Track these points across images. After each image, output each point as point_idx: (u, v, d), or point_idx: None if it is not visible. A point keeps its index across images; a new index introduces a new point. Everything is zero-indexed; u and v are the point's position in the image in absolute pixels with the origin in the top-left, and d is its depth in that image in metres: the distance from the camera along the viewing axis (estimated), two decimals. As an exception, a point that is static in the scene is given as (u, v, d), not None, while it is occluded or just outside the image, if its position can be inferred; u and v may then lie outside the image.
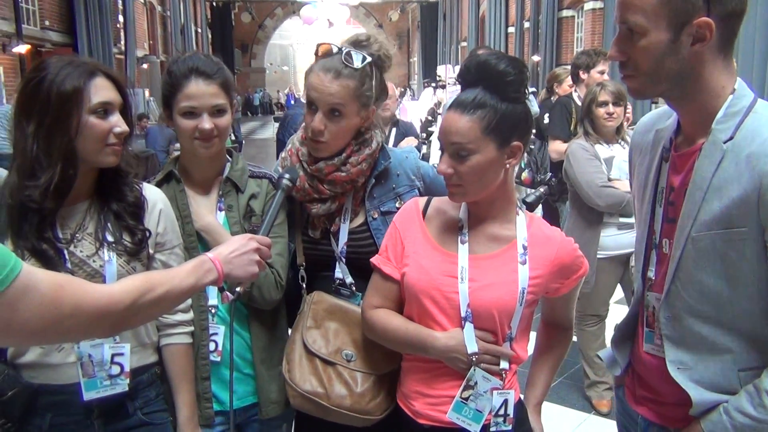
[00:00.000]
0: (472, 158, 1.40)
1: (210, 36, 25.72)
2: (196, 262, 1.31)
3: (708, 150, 1.20)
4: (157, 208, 1.58)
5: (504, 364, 1.47)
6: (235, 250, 1.36)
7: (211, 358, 1.69)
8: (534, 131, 4.97)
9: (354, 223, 1.75)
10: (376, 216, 1.73)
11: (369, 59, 1.65)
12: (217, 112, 1.65)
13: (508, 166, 1.45)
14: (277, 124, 19.26)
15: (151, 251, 1.56)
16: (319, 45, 1.71)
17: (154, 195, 1.60)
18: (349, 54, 1.64)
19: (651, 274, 1.35)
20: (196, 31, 23.08)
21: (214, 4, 25.78)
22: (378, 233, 1.70)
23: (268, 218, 1.50)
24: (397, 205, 1.74)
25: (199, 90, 1.62)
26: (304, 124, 1.73)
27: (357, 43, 1.68)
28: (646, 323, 1.37)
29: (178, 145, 1.77)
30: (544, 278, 1.46)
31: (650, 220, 1.36)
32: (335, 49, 1.66)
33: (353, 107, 1.65)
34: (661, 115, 1.40)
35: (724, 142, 1.18)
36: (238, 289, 1.43)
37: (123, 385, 1.51)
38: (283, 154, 1.81)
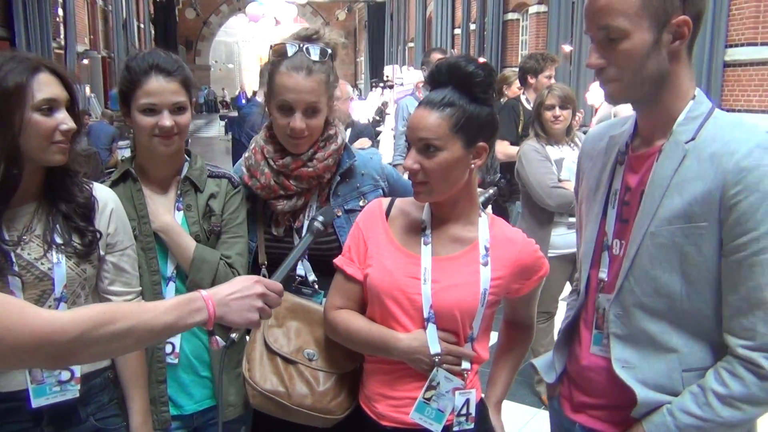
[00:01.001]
0: (439, 155, 1.41)
1: (153, 32, 25.15)
2: (182, 299, 1.20)
3: (669, 150, 1.24)
4: (108, 208, 1.54)
5: (466, 365, 1.49)
6: (237, 291, 1.23)
7: (168, 360, 1.65)
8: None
9: None
10: (340, 214, 1.74)
11: (329, 51, 1.68)
12: (177, 109, 1.62)
13: (473, 166, 1.46)
14: (223, 123, 19.00)
15: (102, 253, 1.52)
16: (273, 46, 1.69)
17: (105, 195, 1.55)
18: (309, 49, 1.65)
19: (603, 275, 1.37)
20: (139, 27, 22.51)
21: (158, -1, 25.27)
22: (342, 231, 1.70)
23: (287, 263, 1.38)
24: (361, 203, 1.74)
25: (160, 87, 1.59)
26: (269, 123, 1.73)
27: (309, 38, 1.68)
28: (595, 325, 1.38)
29: (121, 143, 1.73)
30: (506, 279, 1.48)
31: (602, 221, 1.38)
32: (294, 48, 1.65)
33: (324, 100, 1.68)
34: (613, 125, 1.45)
35: (686, 143, 1.22)
36: (233, 335, 1.28)
37: (74, 391, 1.46)
38: (246, 154, 1.79)
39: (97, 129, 9.49)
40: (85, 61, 16.25)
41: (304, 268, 1.72)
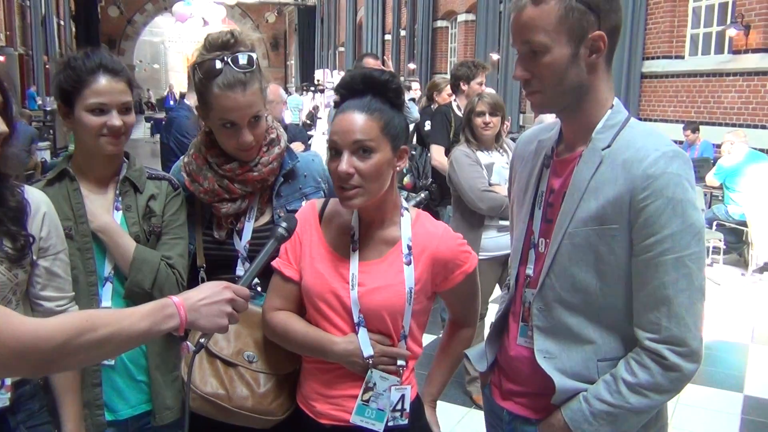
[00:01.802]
0: (374, 156, 1.44)
1: (74, 29, 24.24)
2: (156, 305, 1.20)
3: (587, 156, 1.33)
4: (40, 211, 1.49)
5: (401, 362, 1.52)
6: (206, 297, 1.25)
7: (105, 362, 1.62)
8: (416, 137, 5.15)
9: (260, 222, 1.75)
10: (282, 214, 1.75)
11: (254, 55, 1.66)
12: (125, 109, 1.61)
13: (397, 167, 1.51)
14: (148, 125, 18.50)
15: (34, 257, 1.48)
16: (198, 64, 1.64)
17: (37, 198, 1.51)
18: (239, 59, 1.61)
19: (530, 271, 1.45)
20: (59, 24, 21.72)
21: (79, -5, 24.36)
22: None
23: (253, 268, 1.38)
24: (303, 204, 1.75)
25: (109, 86, 1.58)
26: (208, 129, 1.72)
27: (226, 45, 1.64)
28: (522, 318, 1.46)
29: (41, 144, 1.69)
30: (430, 273, 1.52)
31: (529, 221, 1.46)
32: (221, 64, 1.60)
33: (263, 105, 1.68)
34: (543, 129, 1.53)
35: (603, 149, 1.31)
36: (201, 340, 1.30)
37: (3, 400, 1.42)
38: (186, 159, 1.77)
39: (16, 130, 9.07)
40: (1, 58, 15.54)
41: (245, 269, 1.71)
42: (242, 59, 1.61)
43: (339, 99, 1.51)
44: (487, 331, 1.62)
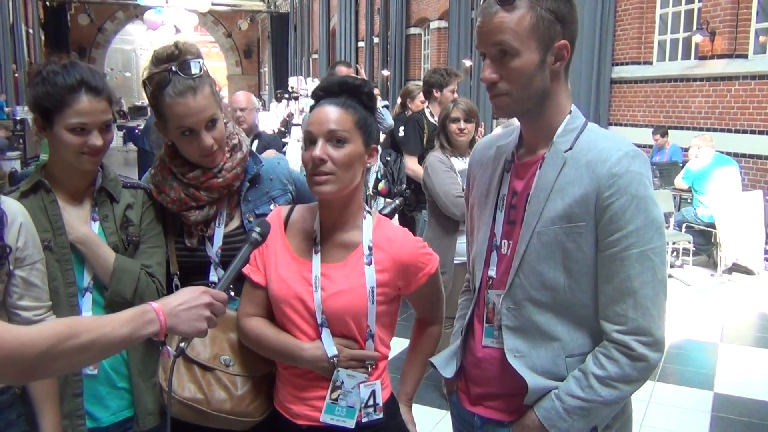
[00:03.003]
0: (346, 146, 1.51)
1: (43, 38, 23.93)
2: (136, 311, 1.22)
3: (551, 158, 1.38)
4: (17, 222, 1.49)
5: (369, 360, 1.56)
6: (185, 302, 1.27)
7: (87, 371, 1.62)
8: (390, 143, 5.19)
9: (230, 227, 1.78)
10: (251, 219, 1.78)
11: (202, 61, 1.69)
12: (105, 126, 1.62)
13: (368, 164, 1.57)
14: (121, 133, 18.29)
15: (11, 267, 1.48)
16: (147, 79, 1.67)
17: (13, 208, 1.51)
18: (187, 66, 1.64)
19: (492, 273, 1.49)
20: (28, 32, 21.37)
21: (48, 3, 24.04)
22: None
23: (228, 273, 1.39)
24: (271, 207, 1.79)
25: (91, 107, 1.57)
26: (170, 142, 1.74)
27: (171, 58, 1.66)
28: (486, 319, 1.49)
29: (10, 154, 1.68)
30: (389, 276, 1.55)
31: (492, 224, 1.50)
32: (168, 74, 1.63)
33: (218, 108, 1.71)
34: (500, 136, 1.58)
35: (565, 152, 1.37)
36: (182, 344, 1.34)
37: None
38: (152, 171, 1.79)
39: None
40: (-32, 67, 15.28)
41: (218, 275, 1.73)
42: (189, 67, 1.65)
43: (316, 102, 1.58)
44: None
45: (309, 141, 1.52)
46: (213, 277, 1.74)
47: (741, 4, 7.97)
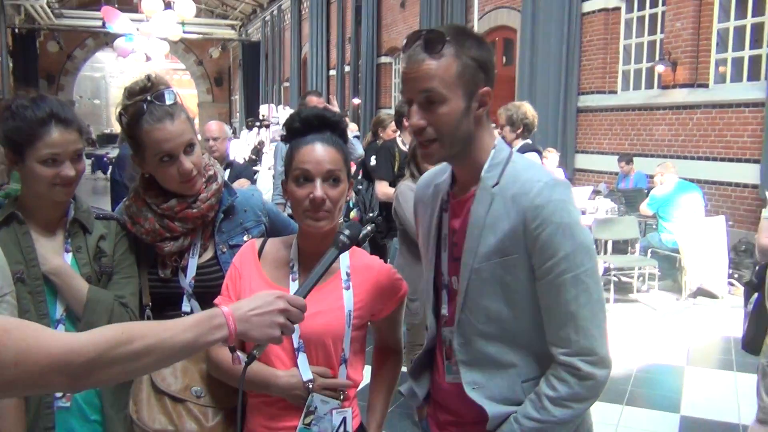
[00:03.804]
0: (340, 185, 1.56)
1: (11, 65, 23.68)
2: (203, 316, 1.18)
3: (480, 195, 1.43)
4: None
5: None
6: (258, 307, 1.22)
7: (59, 404, 1.61)
8: (362, 172, 5.24)
9: (203, 258, 1.80)
10: (225, 250, 1.79)
11: (175, 90, 1.73)
12: (77, 156, 1.63)
13: (347, 198, 1.62)
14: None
15: None
16: (123, 109, 1.70)
17: None
18: (162, 96, 1.68)
19: (444, 311, 1.53)
20: (-5, 59, 21.15)
21: (17, 30, 23.83)
22: (227, 266, 1.75)
23: (312, 277, 1.37)
24: (245, 238, 1.81)
25: (62, 138, 1.59)
26: (145, 174, 1.76)
27: (150, 89, 1.69)
28: (445, 356, 1.54)
29: None
30: (368, 301, 1.59)
31: (436, 263, 1.55)
32: (145, 103, 1.66)
33: (194, 135, 1.75)
34: (437, 173, 1.62)
35: (492, 187, 1.41)
36: (254, 351, 1.29)
37: None
38: (126, 202, 1.81)
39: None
40: (-67, 95, 15.05)
41: (191, 306, 1.75)
42: (163, 96, 1.68)
43: (291, 134, 1.60)
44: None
45: (304, 178, 1.54)
46: (186, 307, 1.74)
47: (701, 36, 8.24)
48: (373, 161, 4.79)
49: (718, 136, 7.91)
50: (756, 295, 2.87)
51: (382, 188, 4.42)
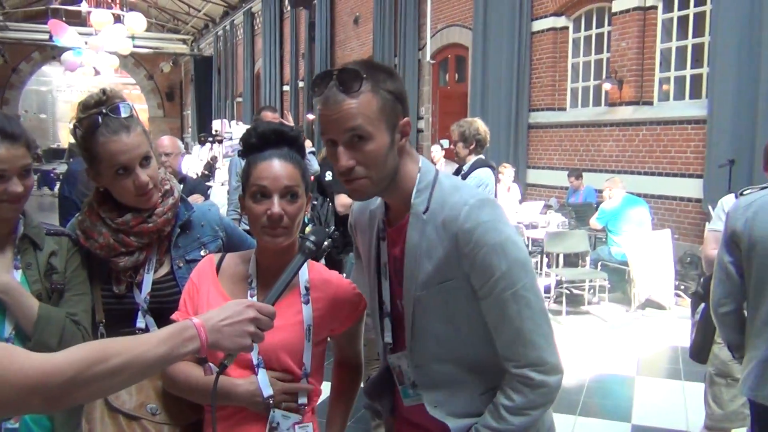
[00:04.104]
0: (298, 201, 1.56)
1: (-48, 78, 23.00)
2: (175, 328, 1.18)
3: (413, 222, 1.43)
4: None
5: (302, 399, 1.57)
6: (228, 317, 1.23)
7: (7, 426, 1.56)
8: (317, 187, 5.23)
9: (159, 273, 1.77)
10: (181, 265, 1.77)
11: (131, 104, 1.72)
12: (24, 172, 1.59)
13: (304, 213, 1.62)
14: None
15: None
16: (78, 122, 1.68)
17: None
18: (117, 109, 1.66)
19: (388, 339, 1.54)
20: (-65, 72, 20.50)
21: (-41, 43, 23.19)
22: (183, 281, 1.73)
23: (279, 284, 1.38)
24: (202, 253, 1.79)
25: (9, 154, 1.55)
26: (100, 187, 1.73)
27: (105, 102, 1.67)
28: (398, 381, 1.56)
29: None
30: (327, 316, 1.59)
31: (378, 291, 1.55)
32: (100, 117, 1.65)
33: (149, 147, 1.72)
34: (371, 199, 1.60)
35: (423, 213, 1.42)
36: (225, 361, 1.29)
37: None
38: (79, 217, 1.77)
39: None
40: None
41: (146, 322, 1.72)
42: (119, 109, 1.66)
43: (248, 149, 1.60)
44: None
45: (261, 195, 1.54)
46: (140, 324, 1.71)
47: (645, 55, 8.53)
48: (328, 176, 4.78)
49: (662, 151, 8.17)
50: (702, 305, 2.96)
51: (342, 200, 4.42)
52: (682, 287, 7.23)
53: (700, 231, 7.37)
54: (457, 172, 5.01)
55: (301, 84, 17.92)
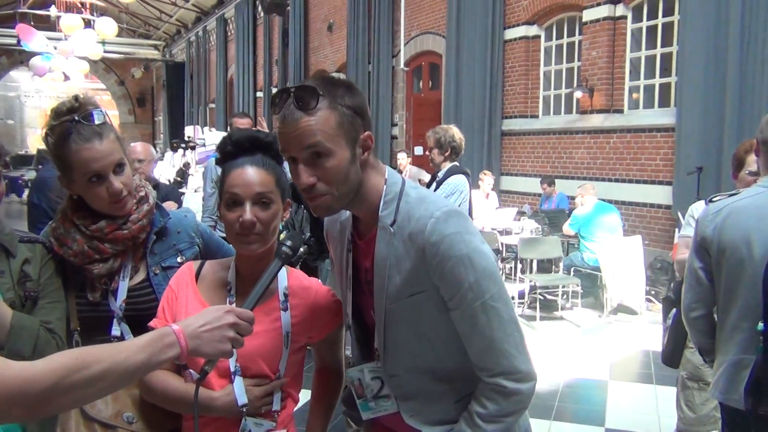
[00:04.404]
0: (272, 207, 1.55)
1: None
2: (154, 335, 1.18)
3: (380, 235, 1.44)
4: None
5: (276, 405, 1.57)
6: (208, 323, 1.23)
7: None
8: (291, 194, 5.23)
9: (135, 280, 1.75)
10: (158, 272, 1.76)
11: (104, 111, 1.70)
12: None
13: (282, 219, 1.61)
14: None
15: None
16: (49, 129, 1.65)
17: None
18: (90, 116, 1.64)
19: (348, 353, 1.56)
20: None
21: (-77, 46, 22.68)
22: (160, 288, 1.72)
23: (257, 289, 1.38)
24: (178, 260, 1.78)
25: None
26: (73, 194, 1.71)
27: (77, 110, 1.66)
28: (357, 395, 1.56)
29: None
30: (305, 323, 1.60)
31: (348, 303, 1.56)
32: (72, 123, 1.63)
33: (122, 154, 1.70)
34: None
35: (391, 225, 1.43)
36: (206, 367, 1.29)
37: None
38: (53, 224, 1.75)
39: None
40: None
41: (121, 329, 1.70)
42: (92, 116, 1.65)
43: (223, 157, 1.60)
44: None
45: (233, 202, 1.53)
46: (115, 331, 1.69)
47: (615, 64, 8.67)
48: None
49: (633, 159, 8.30)
50: (674, 310, 3.00)
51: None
52: (653, 292, 7.34)
53: (669, 237, 7.50)
54: (432, 179, 5.04)
55: (274, 90, 17.85)
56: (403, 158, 9.68)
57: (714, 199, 2.31)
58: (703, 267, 2.26)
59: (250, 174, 1.54)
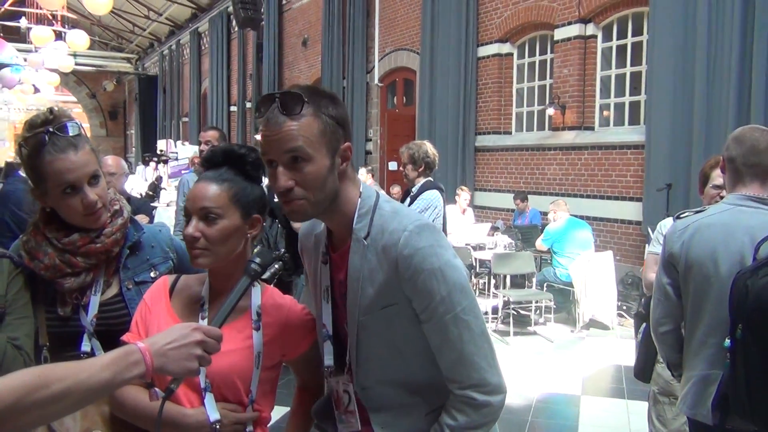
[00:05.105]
0: (219, 222, 1.53)
1: None
2: (119, 353, 1.16)
3: (354, 247, 1.45)
4: None
5: (249, 428, 1.56)
6: (174, 340, 1.21)
7: None
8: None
9: (107, 295, 1.73)
10: (131, 287, 1.74)
11: (79, 122, 1.70)
12: None
13: (249, 235, 1.60)
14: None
15: None
16: (23, 141, 1.64)
17: None
18: (65, 127, 1.64)
19: (328, 362, 1.55)
20: None
21: None
22: (132, 303, 1.71)
23: (225, 307, 1.37)
24: (152, 275, 1.77)
25: None
26: (45, 207, 1.69)
27: (51, 122, 1.65)
28: (336, 406, 1.57)
29: None
30: (277, 341, 1.59)
31: (322, 315, 1.56)
32: (47, 136, 1.62)
33: (97, 165, 1.70)
34: (315, 222, 1.61)
35: (365, 238, 1.44)
36: (172, 386, 1.27)
37: None
38: (24, 237, 1.73)
39: None
40: None
41: (91, 345, 1.67)
42: (66, 128, 1.65)
43: (204, 170, 1.61)
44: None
45: (187, 216, 1.55)
46: (85, 347, 1.67)
47: (586, 82, 8.81)
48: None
49: (604, 175, 8.42)
50: (644, 325, 3.04)
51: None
52: (624, 307, 7.43)
53: (640, 252, 7.60)
54: (406, 194, 5.05)
55: (248, 105, 17.83)
56: (362, 173, 9.64)
57: (681, 216, 2.35)
58: (670, 283, 2.30)
59: (201, 188, 1.55)
